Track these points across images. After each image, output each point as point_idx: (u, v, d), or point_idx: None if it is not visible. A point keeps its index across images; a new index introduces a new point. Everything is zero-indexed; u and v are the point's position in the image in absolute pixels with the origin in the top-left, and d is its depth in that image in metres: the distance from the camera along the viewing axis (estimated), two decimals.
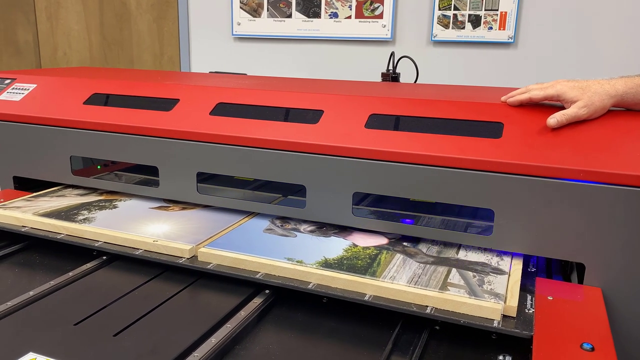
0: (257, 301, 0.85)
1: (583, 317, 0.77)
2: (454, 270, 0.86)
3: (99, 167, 1.36)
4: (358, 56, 2.73)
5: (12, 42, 3.40)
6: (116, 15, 3.19)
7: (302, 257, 0.89)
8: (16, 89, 1.35)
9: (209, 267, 0.90)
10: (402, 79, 2.07)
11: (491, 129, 0.94)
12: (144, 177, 1.27)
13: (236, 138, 1.05)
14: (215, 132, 1.07)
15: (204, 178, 1.12)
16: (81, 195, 1.21)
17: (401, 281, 0.82)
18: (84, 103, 1.24)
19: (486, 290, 0.79)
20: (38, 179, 1.28)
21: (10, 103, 1.30)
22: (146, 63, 3.19)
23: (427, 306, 0.77)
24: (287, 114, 1.08)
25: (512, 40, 2.45)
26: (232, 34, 2.94)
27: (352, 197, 0.98)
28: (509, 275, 0.85)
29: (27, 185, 1.31)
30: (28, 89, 1.34)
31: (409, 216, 1.01)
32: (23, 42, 3.39)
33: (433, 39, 2.57)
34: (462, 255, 0.93)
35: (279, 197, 1.13)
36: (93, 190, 1.24)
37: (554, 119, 0.90)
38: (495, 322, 0.74)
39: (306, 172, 1.00)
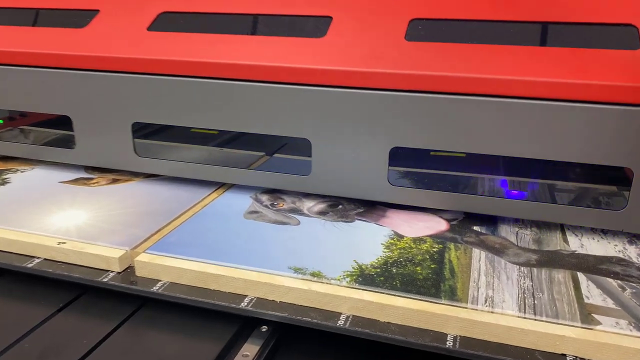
0: (248, 349, 0.48)
1: None
2: (581, 276, 0.51)
3: (1, 121, 0.94)
4: None
5: None
6: None
7: (318, 264, 0.52)
8: None
9: (154, 288, 0.51)
10: None
11: (625, 36, 0.57)
12: (61, 132, 0.85)
13: (191, 64, 0.65)
14: (158, 57, 0.66)
15: (144, 132, 0.72)
16: None
17: (506, 306, 0.46)
18: None
19: None
20: None
21: None
22: None
23: (566, 355, 0.42)
24: (273, 25, 0.68)
25: None
26: None
27: (389, 156, 0.61)
28: None
29: None
30: None
31: (515, 184, 0.64)
32: None
33: None
34: (575, 243, 0.57)
35: (262, 155, 0.74)
36: None
37: None
38: None
39: (310, 116, 0.62)
